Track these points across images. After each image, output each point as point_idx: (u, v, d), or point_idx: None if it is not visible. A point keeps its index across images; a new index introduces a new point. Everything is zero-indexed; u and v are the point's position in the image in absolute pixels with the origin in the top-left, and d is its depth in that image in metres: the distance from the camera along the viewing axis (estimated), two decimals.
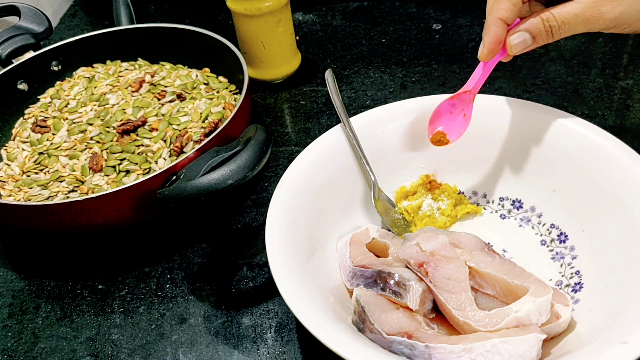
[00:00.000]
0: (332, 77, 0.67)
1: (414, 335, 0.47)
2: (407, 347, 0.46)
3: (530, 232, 0.59)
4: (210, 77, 0.77)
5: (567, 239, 0.56)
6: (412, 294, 0.49)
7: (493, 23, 0.51)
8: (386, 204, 0.62)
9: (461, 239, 0.53)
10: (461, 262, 0.51)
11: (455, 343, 0.46)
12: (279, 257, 0.50)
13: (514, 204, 0.61)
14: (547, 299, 0.47)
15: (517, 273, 0.50)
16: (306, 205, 0.56)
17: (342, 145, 0.61)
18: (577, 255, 0.55)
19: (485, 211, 0.62)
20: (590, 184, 0.55)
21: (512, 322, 0.47)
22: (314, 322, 0.46)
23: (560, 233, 0.57)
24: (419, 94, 0.79)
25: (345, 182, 0.60)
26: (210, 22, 1.00)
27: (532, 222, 0.59)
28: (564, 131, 0.57)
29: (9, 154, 0.70)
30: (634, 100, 0.74)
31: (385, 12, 0.96)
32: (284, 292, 0.48)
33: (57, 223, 0.59)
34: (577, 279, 0.53)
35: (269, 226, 0.53)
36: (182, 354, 0.54)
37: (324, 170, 0.59)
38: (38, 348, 0.57)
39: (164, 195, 0.56)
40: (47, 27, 0.83)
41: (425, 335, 0.47)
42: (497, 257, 0.52)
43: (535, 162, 0.59)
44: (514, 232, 0.59)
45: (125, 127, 0.67)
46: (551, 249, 0.57)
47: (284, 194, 0.56)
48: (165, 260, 0.63)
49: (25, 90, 0.78)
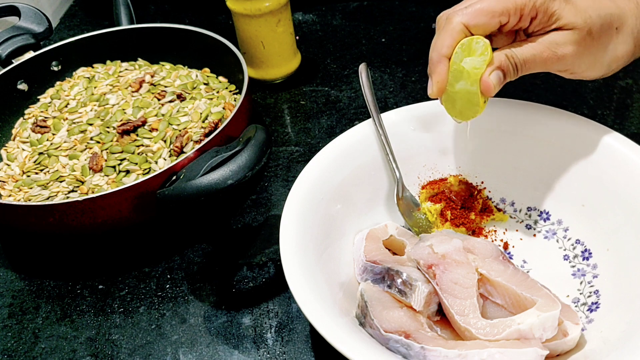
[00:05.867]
0: (366, 71, 0.66)
1: (412, 335, 0.47)
2: (403, 346, 0.46)
3: (554, 245, 0.57)
4: (210, 77, 0.77)
5: (590, 257, 0.55)
6: (417, 295, 0.49)
7: (439, 61, 0.51)
8: (409, 202, 0.61)
9: (476, 245, 0.53)
10: (471, 268, 0.50)
11: (452, 348, 0.45)
12: (292, 246, 0.51)
13: (541, 215, 0.59)
14: (553, 315, 0.46)
15: (528, 285, 0.49)
16: (326, 198, 0.56)
17: (369, 140, 0.60)
18: (598, 274, 0.53)
19: (512, 220, 0.60)
20: (620, 202, 0.53)
21: (513, 333, 0.46)
22: (313, 312, 0.46)
23: (585, 249, 0.55)
24: (419, 93, 0.79)
25: (369, 178, 0.60)
26: (210, 22, 1.00)
27: (558, 236, 0.57)
28: (599, 146, 0.56)
29: (9, 154, 0.70)
30: (633, 100, 0.74)
31: (385, 12, 0.96)
32: (290, 276, 0.48)
33: (57, 223, 0.59)
34: (595, 298, 0.52)
35: (285, 216, 0.53)
36: (182, 354, 0.54)
37: (348, 164, 0.59)
38: (38, 348, 0.57)
39: (164, 195, 0.56)
40: (47, 27, 0.83)
41: (424, 337, 0.47)
42: (510, 267, 0.51)
43: (568, 175, 0.57)
44: (537, 244, 0.58)
45: (125, 127, 0.67)
46: (573, 265, 0.55)
47: (305, 184, 0.55)
48: (165, 260, 0.63)
49: (25, 90, 0.78)
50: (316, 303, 0.47)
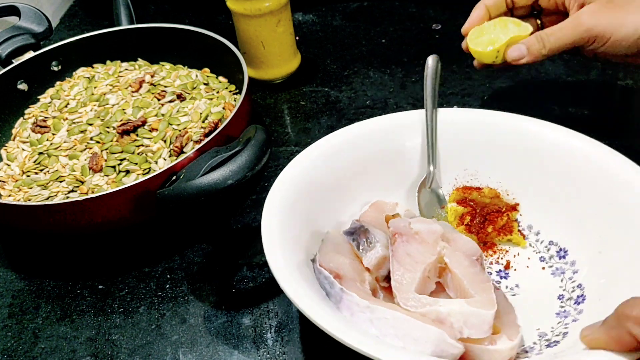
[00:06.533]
0: (434, 63, 0.65)
1: (342, 279, 0.49)
2: (328, 284, 0.49)
3: (556, 283, 0.54)
4: (210, 77, 0.77)
5: (583, 302, 0.52)
6: (372, 254, 0.52)
7: (479, 7, 0.64)
8: (435, 197, 0.61)
9: (457, 239, 0.53)
10: (432, 250, 0.51)
11: (366, 299, 0.47)
12: (275, 222, 0.53)
13: (559, 252, 0.56)
14: (479, 313, 0.45)
15: (479, 283, 0.49)
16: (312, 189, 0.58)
17: (415, 129, 0.62)
18: (577, 319, 0.50)
19: (530, 247, 0.58)
20: None
21: (432, 313, 0.46)
22: (295, 291, 0.47)
23: (582, 295, 0.52)
24: (419, 94, 0.79)
25: (395, 165, 0.61)
26: (210, 22, 1.00)
27: (565, 276, 0.55)
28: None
29: (9, 154, 0.70)
30: (634, 100, 0.74)
31: (385, 12, 0.96)
32: (272, 260, 0.49)
33: (57, 223, 0.59)
34: (562, 337, 0.49)
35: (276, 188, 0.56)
36: (182, 354, 0.54)
37: (365, 148, 0.61)
38: (38, 348, 0.57)
39: (164, 195, 0.56)
40: (47, 27, 0.83)
41: (352, 286, 0.49)
42: (477, 267, 0.50)
43: (599, 222, 0.54)
44: (541, 277, 0.55)
45: (125, 127, 0.67)
46: (562, 306, 0.53)
47: (306, 157, 0.59)
48: (165, 260, 0.63)
49: (25, 90, 0.78)
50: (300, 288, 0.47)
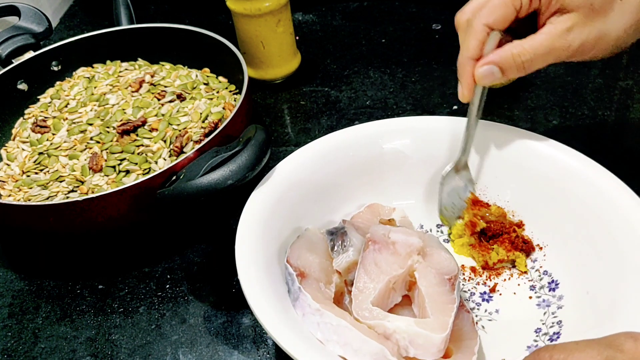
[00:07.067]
0: None
1: (305, 278, 0.49)
2: (290, 280, 0.50)
3: (538, 316, 0.52)
4: (210, 77, 0.77)
5: (557, 339, 0.49)
6: (344, 257, 0.52)
7: (467, 64, 0.53)
8: (462, 182, 0.58)
9: (435, 256, 0.51)
10: (402, 263, 0.50)
11: (320, 303, 0.47)
12: (255, 214, 0.54)
13: (550, 284, 0.54)
14: (426, 335, 0.44)
15: (441, 304, 0.47)
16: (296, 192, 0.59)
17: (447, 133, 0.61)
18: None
19: (524, 274, 0.56)
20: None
21: (379, 326, 0.46)
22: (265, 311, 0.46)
23: (558, 332, 0.50)
24: (419, 94, 0.79)
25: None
26: (210, 22, 1.00)
27: (549, 310, 0.52)
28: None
29: (9, 154, 0.70)
30: (634, 101, 0.74)
31: (385, 12, 0.96)
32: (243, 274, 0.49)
33: (57, 223, 0.59)
34: None
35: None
36: (182, 354, 0.54)
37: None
38: (38, 348, 0.57)
39: (164, 195, 0.56)
40: (47, 27, 0.83)
41: (311, 284, 0.49)
42: (446, 287, 0.48)
43: (598, 262, 0.51)
44: (525, 307, 0.53)
45: (125, 127, 0.67)
46: (536, 340, 0.50)
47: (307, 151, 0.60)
48: (165, 260, 0.63)
49: (25, 90, 0.78)
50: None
